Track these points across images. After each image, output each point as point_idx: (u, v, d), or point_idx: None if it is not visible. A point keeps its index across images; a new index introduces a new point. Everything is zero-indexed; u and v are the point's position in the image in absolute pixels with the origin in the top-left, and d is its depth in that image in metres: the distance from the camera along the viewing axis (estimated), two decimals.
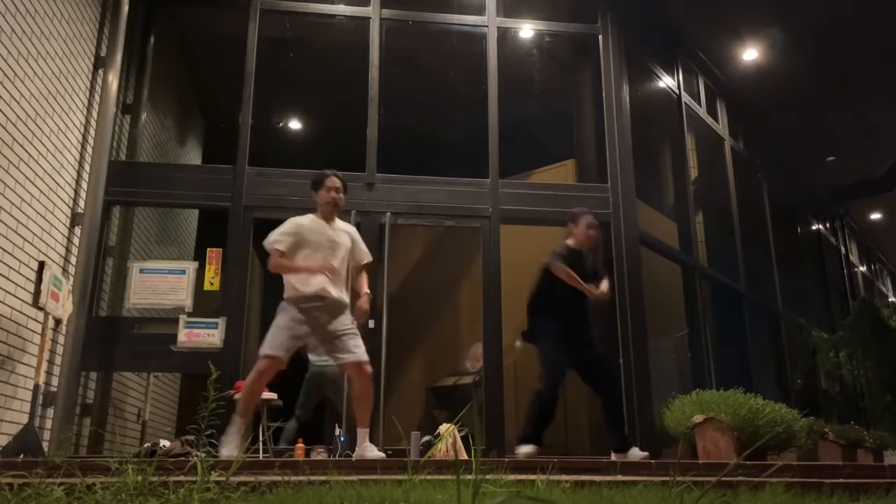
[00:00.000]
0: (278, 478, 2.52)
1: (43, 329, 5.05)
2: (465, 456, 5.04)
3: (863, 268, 15.14)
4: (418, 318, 7.86)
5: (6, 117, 4.66)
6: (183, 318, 5.85)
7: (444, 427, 5.18)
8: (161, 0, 6.93)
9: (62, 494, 2.21)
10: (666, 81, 8.51)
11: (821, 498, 2.65)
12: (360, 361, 4.17)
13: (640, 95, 8.00)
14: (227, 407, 4.63)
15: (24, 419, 4.83)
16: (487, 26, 7.15)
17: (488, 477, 2.26)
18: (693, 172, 8.58)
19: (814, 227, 13.03)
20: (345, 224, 4.52)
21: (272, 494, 2.35)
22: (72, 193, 5.70)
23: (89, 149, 5.92)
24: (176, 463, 2.67)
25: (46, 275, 5.08)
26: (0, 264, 4.60)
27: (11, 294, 4.72)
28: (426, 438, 5.18)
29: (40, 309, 5.04)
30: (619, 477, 2.95)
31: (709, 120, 9.29)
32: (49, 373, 5.26)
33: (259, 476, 2.57)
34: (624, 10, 7.49)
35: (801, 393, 10.07)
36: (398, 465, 3.07)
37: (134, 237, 6.66)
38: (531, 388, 7.16)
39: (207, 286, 6.02)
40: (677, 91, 8.60)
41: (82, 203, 5.79)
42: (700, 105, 9.10)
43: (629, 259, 6.66)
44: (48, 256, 5.24)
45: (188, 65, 8.37)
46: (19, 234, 4.83)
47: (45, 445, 4.95)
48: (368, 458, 3.90)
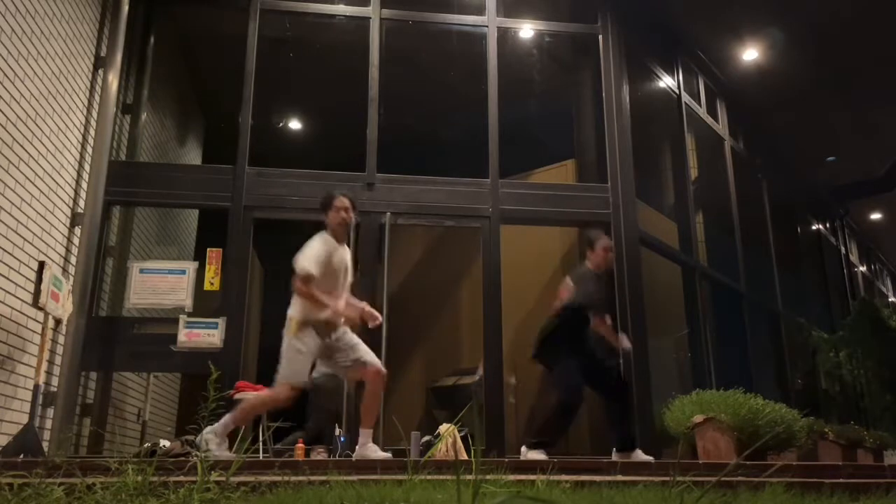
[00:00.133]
0: (278, 478, 2.52)
1: (43, 329, 5.05)
2: (465, 456, 5.04)
3: (863, 268, 15.14)
4: (418, 318, 7.86)
5: (6, 117, 4.66)
6: (183, 318, 5.85)
7: (444, 427, 5.18)
8: (161, 0, 6.94)
9: (62, 494, 2.21)
10: (666, 81, 8.51)
11: (821, 498, 2.65)
12: (379, 367, 4.26)
13: (640, 95, 8.00)
14: (227, 407, 4.63)
15: (24, 419, 4.83)
16: (487, 26, 7.15)
17: (488, 477, 2.26)
18: (693, 172, 8.58)
19: (814, 227, 13.03)
20: (346, 247, 4.53)
21: (272, 494, 2.35)
22: (72, 193, 5.70)
23: (89, 149, 5.92)
24: (176, 463, 2.67)
25: (46, 275, 5.08)
26: (0, 264, 4.60)
27: (11, 294, 4.72)
28: (426, 438, 5.18)
29: (40, 309, 5.04)
30: (619, 477, 2.94)
31: (709, 120, 9.29)
32: (49, 373, 5.26)
33: (259, 476, 2.57)
34: (624, 10, 7.49)
35: (801, 393, 10.07)
36: (398, 465, 3.07)
37: (134, 237, 6.66)
38: (531, 389, 7.24)
39: (207, 286, 6.02)
40: (677, 91, 8.60)
41: (82, 203, 5.79)
42: (700, 105, 9.10)
43: (629, 259, 6.66)
44: (48, 256, 5.24)
45: (188, 65, 8.37)
46: (19, 234, 4.83)
47: (45, 445, 4.95)
48: (371, 459, 3.91)
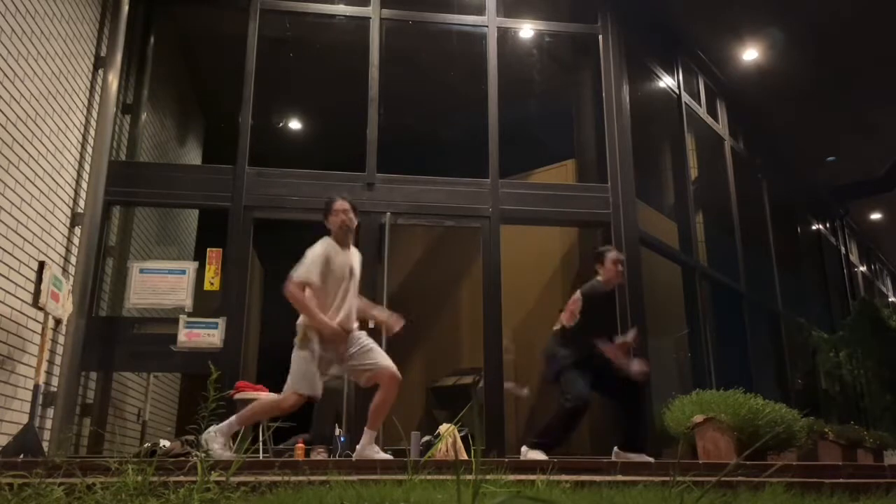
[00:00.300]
0: (278, 478, 2.52)
1: (43, 329, 5.05)
2: (465, 456, 5.04)
3: (863, 268, 15.14)
4: (418, 318, 7.85)
5: (6, 117, 4.66)
6: (183, 318, 5.85)
7: (444, 427, 5.18)
8: (161, 0, 6.94)
9: (62, 494, 2.21)
10: (666, 81, 8.51)
11: (821, 498, 2.65)
12: (394, 372, 4.24)
13: (640, 95, 8.00)
14: (227, 407, 4.62)
15: (24, 419, 4.83)
16: (487, 26, 7.15)
17: (488, 477, 2.26)
18: (693, 172, 8.58)
19: (814, 227, 13.03)
20: (354, 249, 4.49)
21: (272, 494, 2.35)
22: (72, 193, 5.70)
23: (89, 149, 5.92)
24: (176, 463, 2.67)
25: (46, 275, 5.08)
26: (0, 264, 4.60)
27: (11, 294, 4.72)
28: (426, 438, 5.18)
29: (40, 309, 5.04)
30: (619, 477, 2.94)
31: (709, 120, 9.29)
32: (49, 373, 5.26)
33: (259, 476, 2.57)
34: (624, 10, 7.49)
35: (801, 393, 10.07)
36: (398, 465, 3.07)
37: (134, 237, 6.66)
38: (531, 389, 7.24)
39: (207, 286, 6.02)
40: (677, 91, 8.60)
41: (82, 203, 5.78)
42: (700, 105, 9.10)
43: (629, 259, 6.63)
44: (48, 256, 5.24)
45: (188, 65, 8.37)
46: (19, 234, 4.83)
47: (45, 445, 4.95)
48: (372, 459, 3.90)
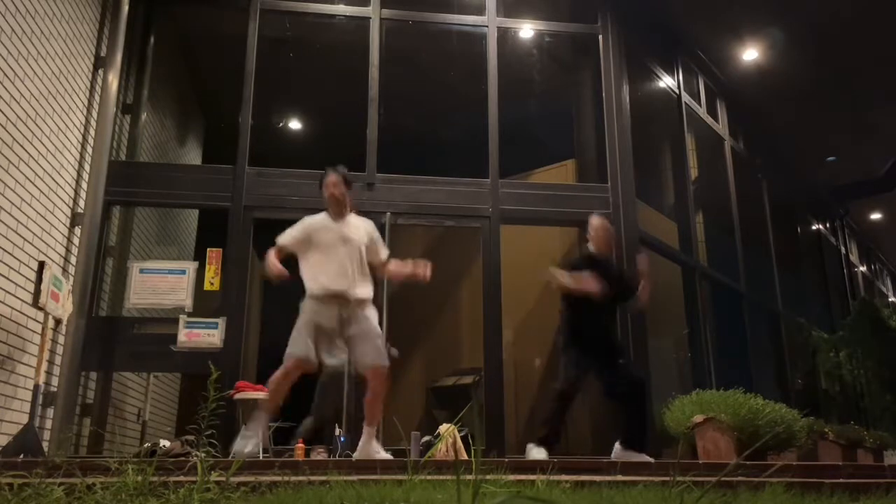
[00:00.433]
0: (278, 478, 2.52)
1: (43, 329, 5.04)
2: (465, 456, 5.04)
3: (863, 268, 15.14)
4: (418, 318, 7.86)
5: (6, 117, 4.66)
6: (183, 318, 5.85)
7: (444, 427, 5.18)
8: (161, 0, 6.94)
9: (62, 494, 2.21)
10: (666, 81, 8.51)
11: (821, 498, 2.64)
12: (375, 366, 4.10)
13: (640, 95, 8.00)
14: (227, 407, 4.62)
15: (24, 419, 4.83)
16: (487, 26, 7.15)
17: (488, 477, 2.26)
18: (693, 172, 8.58)
19: (814, 227, 13.03)
20: (361, 220, 4.44)
21: (272, 494, 2.35)
22: (72, 193, 5.70)
23: (89, 149, 5.92)
24: (176, 463, 2.67)
25: (46, 275, 5.08)
26: (0, 264, 4.60)
27: (11, 294, 4.72)
28: (426, 438, 5.18)
29: (40, 309, 5.04)
30: (619, 477, 2.94)
31: (709, 120, 9.29)
32: (49, 373, 5.26)
33: (259, 476, 2.56)
34: (624, 10, 7.49)
35: (801, 393, 10.06)
36: (398, 465, 3.07)
37: (134, 237, 6.66)
38: (531, 389, 7.24)
39: (207, 286, 6.02)
40: (677, 91, 8.60)
41: (82, 203, 5.78)
42: (700, 105, 9.10)
43: (629, 259, 6.65)
44: (48, 256, 5.24)
45: (188, 65, 8.37)
46: (19, 234, 4.83)
47: (45, 445, 4.95)
48: (371, 458, 3.86)
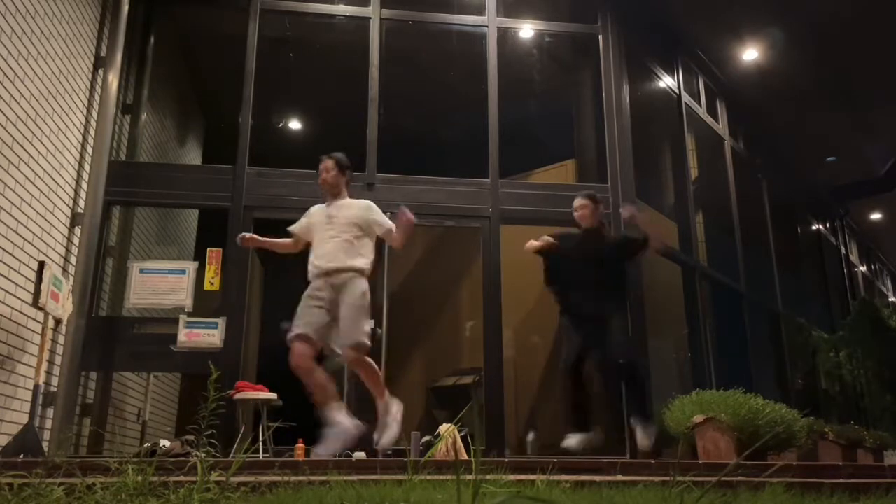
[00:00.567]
0: (278, 478, 2.52)
1: (43, 329, 5.05)
2: (465, 456, 5.04)
3: (863, 268, 15.14)
4: (418, 318, 7.86)
5: (6, 117, 4.66)
6: (183, 318, 5.85)
7: (444, 427, 5.18)
8: (161, 0, 6.94)
9: (62, 494, 2.21)
10: (666, 81, 8.51)
11: (821, 498, 2.64)
12: (346, 346, 4.05)
13: (640, 95, 8.00)
14: (227, 407, 4.62)
15: (24, 419, 4.83)
16: (487, 26, 7.15)
17: (488, 477, 2.26)
18: (693, 172, 8.58)
19: (814, 227, 13.03)
20: (354, 201, 4.49)
21: (272, 494, 2.35)
22: (72, 193, 5.70)
23: (89, 149, 5.92)
24: (176, 463, 2.67)
25: (46, 275, 5.08)
26: (0, 264, 4.60)
27: (11, 294, 4.72)
28: (426, 438, 5.18)
29: (40, 309, 5.04)
30: (619, 477, 2.94)
31: (709, 120, 9.29)
32: (49, 373, 5.26)
33: (259, 476, 2.56)
34: (624, 10, 7.49)
35: (801, 393, 10.06)
36: (398, 465, 3.07)
37: (134, 237, 6.66)
38: (531, 389, 7.23)
39: (207, 286, 6.02)
40: (677, 91, 8.60)
41: (82, 203, 5.79)
42: (700, 105, 9.10)
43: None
44: (48, 256, 5.24)
45: (188, 65, 8.37)
46: (19, 234, 4.83)
47: (45, 445, 4.95)
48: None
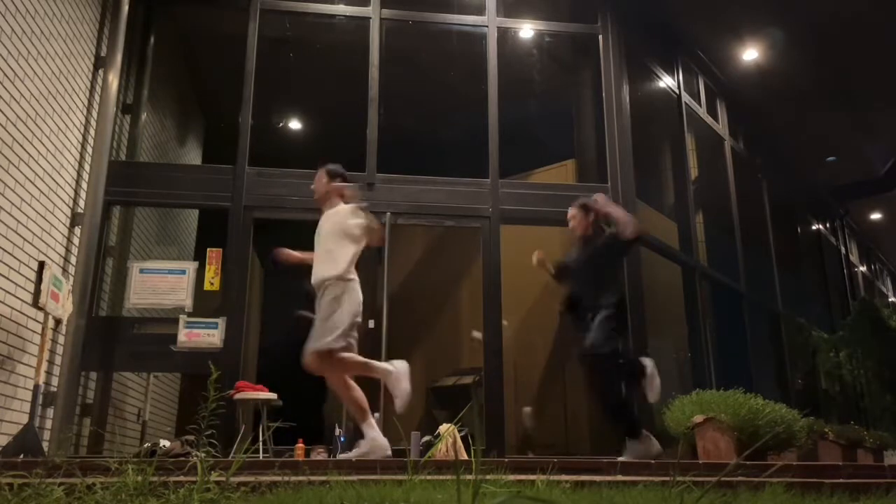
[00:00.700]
0: (278, 478, 2.52)
1: (43, 329, 5.04)
2: (465, 456, 5.04)
3: (863, 268, 15.14)
4: (418, 318, 7.86)
5: (6, 117, 4.66)
6: (183, 318, 5.85)
7: (444, 427, 5.18)
8: (161, 0, 6.94)
9: (62, 494, 2.21)
10: (666, 81, 8.51)
11: (821, 498, 2.64)
12: (306, 354, 3.96)
13: (640, 95, 8.00)
14: (227, 407, 4.62)
15: (24, 419, 4.83)
16: (487, 26, 7.15)
17: (488, 477, 2.26)
18: (693, 172, 8.58)
19: (814, 227, 13.03)
20: (341, 207, 4.32)
21: (272, 494, 2.35)
22: (72, 193, 5.70)
23: (89, 149, 5.92)
24: (176, 463, 2.67)
25: (46, 275, 5.08)
26: (0, 264, 4.60)
27: (11, 294, 4.72)
28: (426, 438, 5.18)
29: (40, 309, 5.04)
30: (619, 477, 2.94)
31: (709, 120, 9.29)
32: (49, 373, 5.26)
33: (259, 476, 2.56)
34: (624, 10, 7.49)
35: (801, 393, 10.06)
36: (398, 465, 3.07)
37: (134, 237, 6.66)
38: (531, 389, 7.23)
39: (207, 286, 6.03)
40: (677, 91, 8.60)
41: (82, 203, 5.78)
42: (700, 105, 9.10)
43: (630, 259, 6.65)
44: (48, 256, 5.24)
45: (188, 65, 8.37)
46: (19, 234, 4.83)
47: (45, 445, 4.95)
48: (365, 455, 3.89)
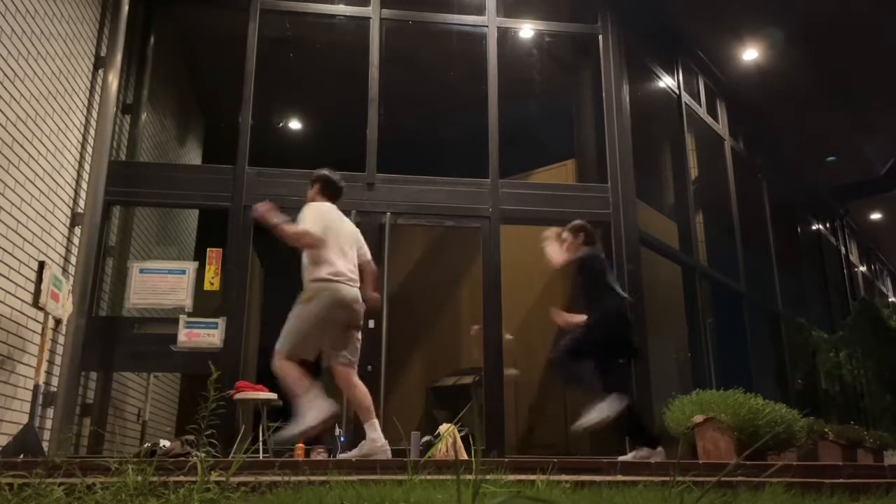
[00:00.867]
0: (278, 478, 2.52)
1: (43, 329, 5.05)
2: (465, 456, 5.04)
3: (863, 268, 15.14)
4: (418, 318, 7.86)
5: (6, 117, 4.66)
6: (183, 318, 5.85)
7: (444, 427, 5.18)
8: (161, 0, 6.94)
9: (62, 494, 2.21)
10: (666, 81, 8.51)
11: (821, 498, 2.64)
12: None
13: (640, 95, 8.00)
14: (227, 407, 4.62)
15: (24, 419, 4.83)
16: (487, 26, 7.15)
17: (488, 477, 2.26)
18: (693, 172, 8.58)
19: (814, 227, 13.03)
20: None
21: (272, 494, 2.35)
22: (72, 193, 5.70)
23: (89, 149, 5.92)
24: (176, 463, 2.67)
25: (46, 275, 5.08)
26: (0, 264, 4.60)
27: (11, 294, 4.72)
28: (426, 438, 5.18)
29: (40, 309, 5.04)
30: (619, 477, 2.94)
31: (709, 120, 9.29)
32: (49, 373, 5.26)
33: (259, 476, 2.56)
34: (624, 10, 7.49)
35: (801, 393, 10.06)
36: (398, 465, 3.07)
37: (134, 237, 6.66)
38: (531, 389, 7.23)
39: (207, 286, 6.03)
40: (677, 91, 8.60)
41: (82, 203, 5.78)
42: (700, 105, 9.10)
43: (629, 259, 6.66)
44: (48, 256, 5.24)
45: (188, 65, 8.37)
46: (19, 234, 4.83)
47: (45, 445, 4.95)
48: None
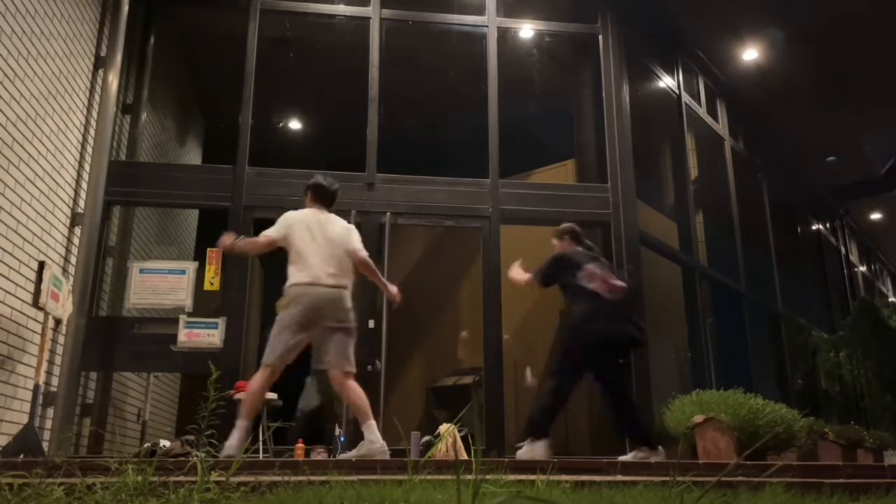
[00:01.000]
0: (278, 478, 2.52)
1: (43, 329, 5.05)
2: (465, 456, 5.04)
3: (863, 268, 15.14)
4: (418, 318, 7.86)
5: (6, 117, 4.66)
6: (183, 318, 5.85)
7: (444, 427, 5.18)
8: (161, 0, 6.94)
9: (62, 494, 2.21)
10: (666, 81, 8.51)
11: (821, 498, 2.64)
12: None
13: (640, 95, 8.00)
14: (227, 407, 4.60)
15: (24, 419, 4.83)
16: (487, 26, 7.15)
17: (488, 477, 2.26)
18: (693, 172, 8.58)
19: (814, 227, 13.03)
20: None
21: (272, 494, 2.35)
22: (72, 193, 5.70)
23: (89, 149, 5.92)
24: (176, 463, 2.67)
25: (46, 275, 5.08)
26: (0, 264, 4.60)
27: (11, 294, 4.72)
28: (426, 438, 5.18)
29: (40, 309, 5.04)
30: (619, 477, 2.94)
31: (709, 120, 9.29)
32: (49, 373, 5.26)
33: (259, 476, 2.56)
34: (624, 10, 7.49)
35: (801, 393, 10.06)
36: (398, 465, 3.07)
37: (134, 237, 6.66)
38: (531, 389, 7.23)
39: (207, 286, 6.02)
40: (677, 91, 8.60)
41: (82, 203, 5.79)
42: (700, 105, 9.10)
43: (629, 259, 6.66)
44: (48, 256, 5.24)
45: (188, 65, 8.37)
46: (19, 234, 4.83)
47: (45, 445, 4.95)
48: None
